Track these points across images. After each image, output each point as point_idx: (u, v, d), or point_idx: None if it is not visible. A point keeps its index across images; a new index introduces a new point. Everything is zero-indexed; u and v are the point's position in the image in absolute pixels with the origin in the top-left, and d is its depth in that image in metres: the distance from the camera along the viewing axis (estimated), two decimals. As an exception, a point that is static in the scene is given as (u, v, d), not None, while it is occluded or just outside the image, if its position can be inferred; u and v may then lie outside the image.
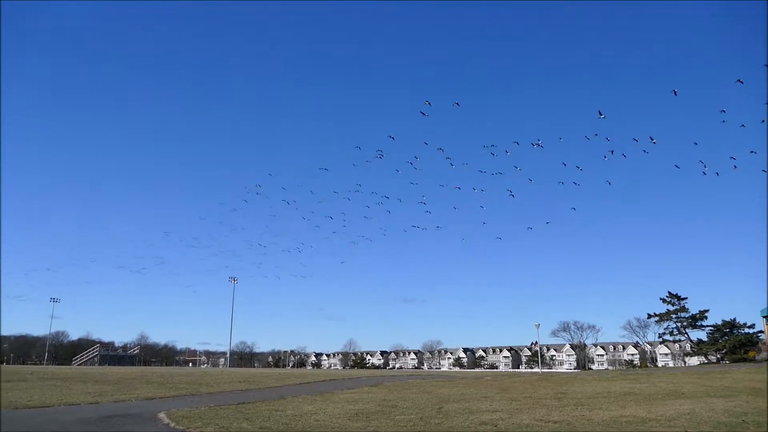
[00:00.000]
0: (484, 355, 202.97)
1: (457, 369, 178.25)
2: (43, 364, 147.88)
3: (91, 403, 21.02)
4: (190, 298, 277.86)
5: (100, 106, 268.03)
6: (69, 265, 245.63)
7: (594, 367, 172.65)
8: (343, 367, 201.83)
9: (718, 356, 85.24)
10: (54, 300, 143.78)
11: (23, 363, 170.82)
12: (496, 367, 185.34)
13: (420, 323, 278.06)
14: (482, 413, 17.39)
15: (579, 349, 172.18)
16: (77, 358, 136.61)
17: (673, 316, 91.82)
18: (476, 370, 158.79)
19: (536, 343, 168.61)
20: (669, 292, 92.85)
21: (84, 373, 51.07)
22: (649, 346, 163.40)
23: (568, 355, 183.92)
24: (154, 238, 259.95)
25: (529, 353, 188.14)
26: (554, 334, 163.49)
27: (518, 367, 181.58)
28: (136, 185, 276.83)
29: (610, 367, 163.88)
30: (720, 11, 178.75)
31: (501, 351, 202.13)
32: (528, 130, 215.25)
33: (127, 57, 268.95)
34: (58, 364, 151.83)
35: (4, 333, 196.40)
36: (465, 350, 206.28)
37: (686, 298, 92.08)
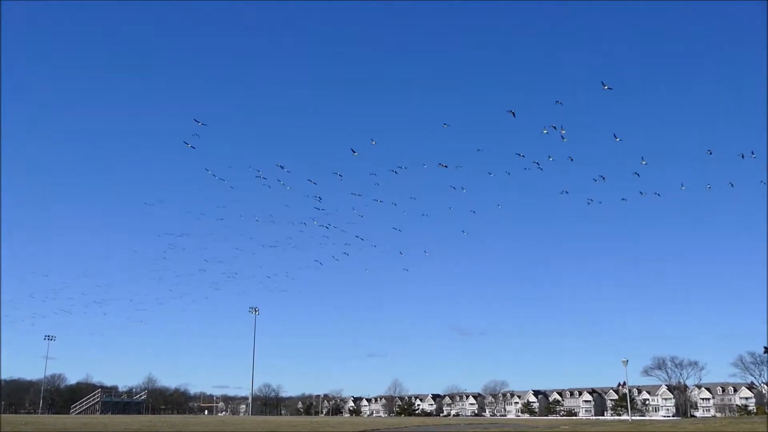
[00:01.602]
0: (559, 399, 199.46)
1: (526, 416, 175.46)
2: (38, 412, 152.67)
3: (94, 458, 21.65)
4: (205, 334, 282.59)
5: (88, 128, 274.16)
6: (63, 297, 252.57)
7: (698, 413, 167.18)
8: (388, 415, 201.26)
9: None
10: (49, 338, 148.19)
11: (16, 411, 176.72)
12: (575, 414, 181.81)
13: (480, 360, 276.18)
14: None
15: (678, 391, 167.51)
16: (76, 406, 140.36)
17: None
18: (550, 417, 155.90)
19: (624, 384, 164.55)
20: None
21: (84, 423, 52.49)
22: (767, 387, 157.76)
23: (665, 398, 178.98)
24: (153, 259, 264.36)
25: (616, 397, 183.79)
26: (646, 372, 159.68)
27: (602, 414, 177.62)
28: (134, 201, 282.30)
29: (719, 414, 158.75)
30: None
31: (581, 394, 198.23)
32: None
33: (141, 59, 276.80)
34: (54, 413, 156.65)
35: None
36: (536, 393, 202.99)
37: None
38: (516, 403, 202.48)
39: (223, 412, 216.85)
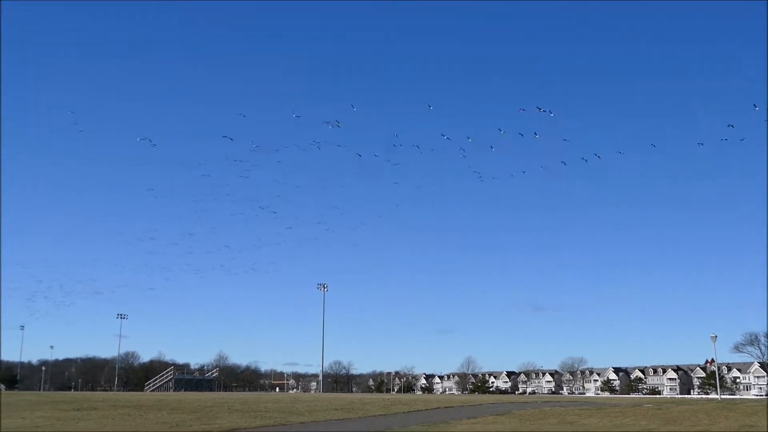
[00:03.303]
0: (641, 376, 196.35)
1: (606, 394, 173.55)
2: (113, 389, 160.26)
3: (170, 434, 22.61)
4: (275, 311, 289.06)
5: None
6: (135, 277, 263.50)
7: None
8: (461, 392, 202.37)
9: None
10: (121, 316, 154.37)
11: (92, 389, 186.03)
12: (659, 392, 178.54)
13: (556, 336, 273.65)
14: (642, 449, 17.00)
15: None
16: (150, 383, 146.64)
17: None
18: (632, 395, 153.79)
19: (713, 360, 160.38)
20: None
21: (159, 400, 54.83)
22: None
23: (757, 377, 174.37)
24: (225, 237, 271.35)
25: (703, 374, 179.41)
26: (737, 349, 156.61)
27: (688, 393, 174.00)
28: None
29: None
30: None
31: (665, 371, 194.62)
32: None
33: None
34: (129, 390, 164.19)
35: (72, 356, 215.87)
36: (616, 370, 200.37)
37: None
38: (595, 380, 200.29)
39: (294, 390, 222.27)
